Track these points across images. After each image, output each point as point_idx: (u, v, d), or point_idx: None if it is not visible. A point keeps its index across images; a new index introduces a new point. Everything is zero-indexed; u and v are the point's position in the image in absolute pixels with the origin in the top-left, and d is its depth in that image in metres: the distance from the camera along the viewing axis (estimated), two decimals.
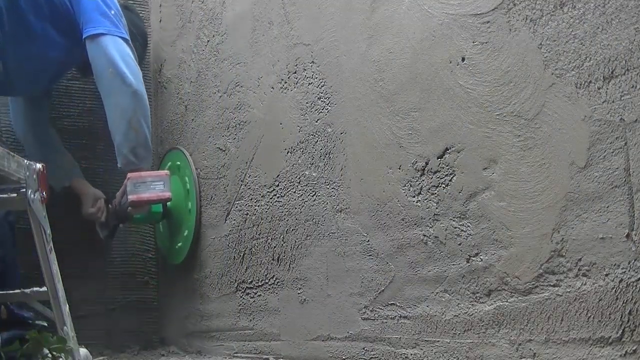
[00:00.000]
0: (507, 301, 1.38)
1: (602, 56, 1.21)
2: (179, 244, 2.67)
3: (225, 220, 2.37)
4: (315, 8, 1.97)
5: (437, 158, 1.55)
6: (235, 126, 2.33)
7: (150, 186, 2.43)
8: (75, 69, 2.69)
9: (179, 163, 2.69)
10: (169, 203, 2.57)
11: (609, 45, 1.20)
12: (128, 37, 2.42)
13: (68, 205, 2.65)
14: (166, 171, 2.55)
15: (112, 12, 2.38)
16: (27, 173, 1.65)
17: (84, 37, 2.36)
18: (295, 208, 2.02)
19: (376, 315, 1.71)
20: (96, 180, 2.76)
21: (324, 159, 1.91)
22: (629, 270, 1.16)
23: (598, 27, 1.22)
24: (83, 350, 1.86)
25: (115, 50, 2.34)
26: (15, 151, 1.80)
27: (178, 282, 2.68)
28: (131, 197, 2.41)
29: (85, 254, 2.69)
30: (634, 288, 1.15)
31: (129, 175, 2.42)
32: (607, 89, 1.20)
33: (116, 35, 2.36)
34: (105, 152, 2.81)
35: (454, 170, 1.51)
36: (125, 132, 2.37)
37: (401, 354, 1.62)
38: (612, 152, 1.19)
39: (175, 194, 2.60)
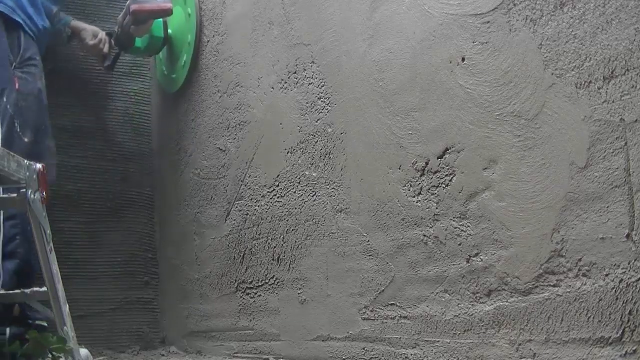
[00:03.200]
0: (507, 301, 1.38)
1: (602, 56, 1.21)
2: (175, 74, 2.71)
3: (225, 220, 2.37)
4: (315, 8, 1.97)
5: (437, 158, 1.55)
6: (235, 126, 2.33)
7: None
8: None
9: None
10: (170, 31, 2.64)
11: (609, 45, 1.20)
12: None
13: (68, 205, 2.66)
14: None
15: None
16: (27, 173, 1.64)
17: None
18: (295, 208, 2.02)
19: (376, 315, 1.71)
20: (97, 180, 2.76)
21: (324, 159, 1.91)
22: (629, 270, 1.16)
23: (598, 27, 1.22)
24: (83, 350, 1.86)
25: None
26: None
27: (178, 282, 2.68)
28: (133, 7, 2.45)
29: (86, 254, 2.69)
30: (634, 288, 1.15)
31: None
32: (607, 89, 1.20)
33: None
34: (106, 151, 2.81)
35: (454, 170, 1.51)
36: None
37: (401, 354, 1.62)
38: (612, 152, 1.19)
39: (177, 24, 2.65)
